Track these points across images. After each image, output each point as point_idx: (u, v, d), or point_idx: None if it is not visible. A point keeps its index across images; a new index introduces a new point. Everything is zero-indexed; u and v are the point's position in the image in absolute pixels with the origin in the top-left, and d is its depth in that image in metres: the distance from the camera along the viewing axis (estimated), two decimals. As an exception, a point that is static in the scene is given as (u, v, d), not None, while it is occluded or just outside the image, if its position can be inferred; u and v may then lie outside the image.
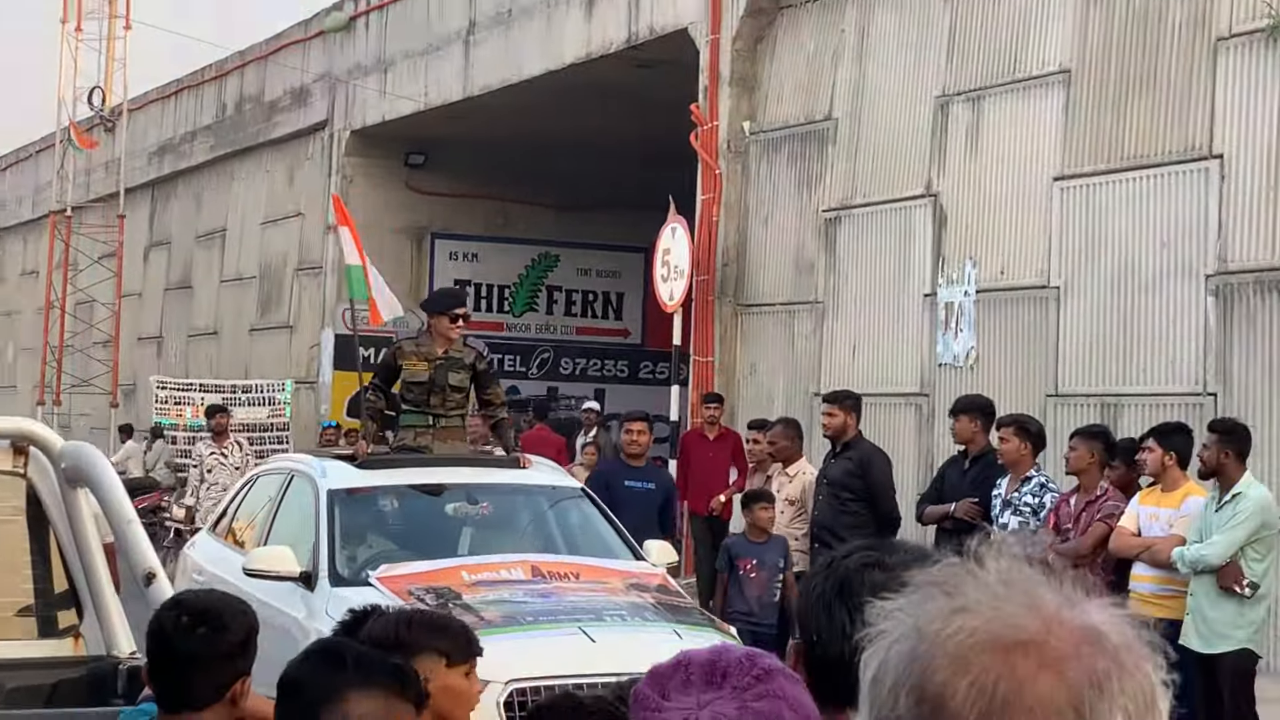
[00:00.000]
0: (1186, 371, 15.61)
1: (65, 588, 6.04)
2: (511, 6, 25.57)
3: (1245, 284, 15.24)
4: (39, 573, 6.06)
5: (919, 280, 18.74)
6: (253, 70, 34.07)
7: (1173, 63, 16.06)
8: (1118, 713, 1.50)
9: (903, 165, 19.11)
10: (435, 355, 11.48)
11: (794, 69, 20.90)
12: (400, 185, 30.70)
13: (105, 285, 39.45)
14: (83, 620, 5.99)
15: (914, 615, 1.58)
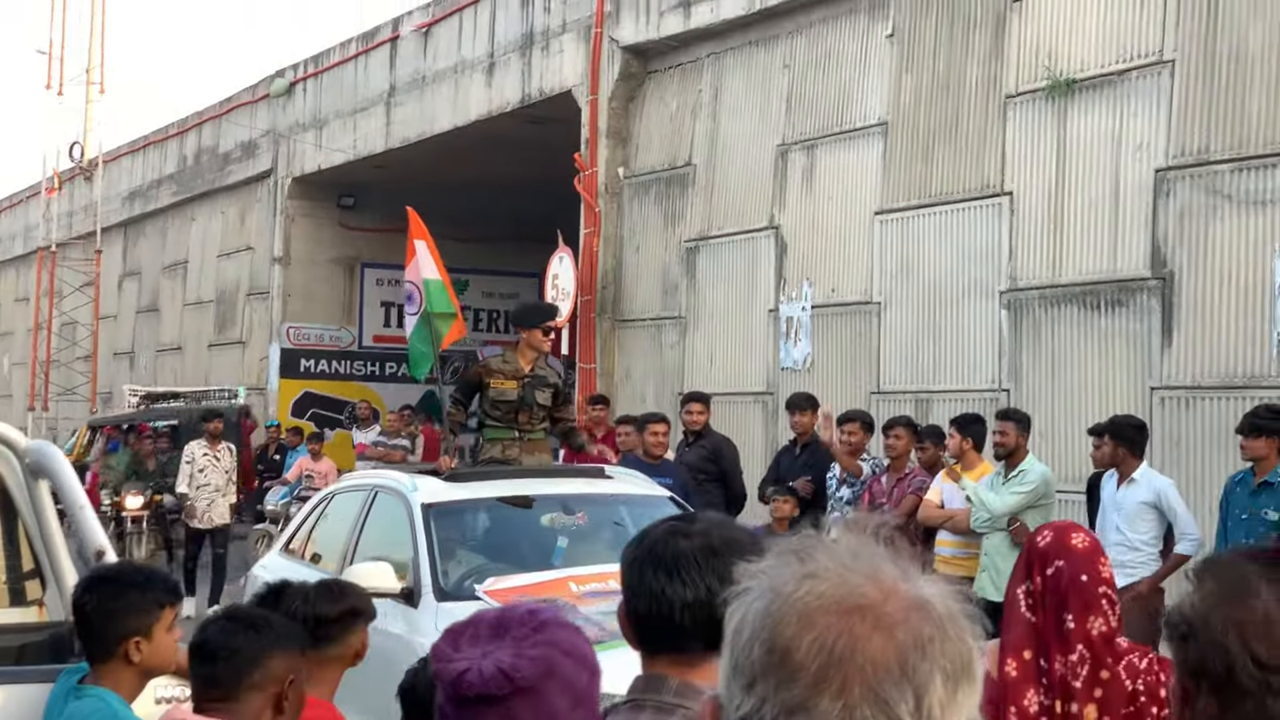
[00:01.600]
0: (984, 372, 15.74)
1: (30, 565, 5.97)
2: (425, 73, 25.50)
3: (1031, 299, 15.39)
4: (7, 551, 5.99)
5: (764, 298, 18.76)
6: (209, 127, 33.76)
7: (970, 117, 16.18)
8: (937, 673, 1.53)
9: (750, 203, 19.13)
10: (523, 373, 10.26)
11: (659, 124, 20.91)
12: (334, 223, 30.51)
13: (85, 309, 39.24)
14: (45, 592, 5.93)
15: (771, 577, 1.61)
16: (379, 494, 9.75)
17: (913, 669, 1.53)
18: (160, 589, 4.42)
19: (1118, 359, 14.50)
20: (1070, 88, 15.10)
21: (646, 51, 20.89)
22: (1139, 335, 14.37)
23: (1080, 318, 14.95)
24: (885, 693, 1.51)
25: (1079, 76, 15.03)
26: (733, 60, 19.63)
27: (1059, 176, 15.21)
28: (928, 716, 1.52)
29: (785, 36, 18.75)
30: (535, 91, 22.77)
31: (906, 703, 1.51)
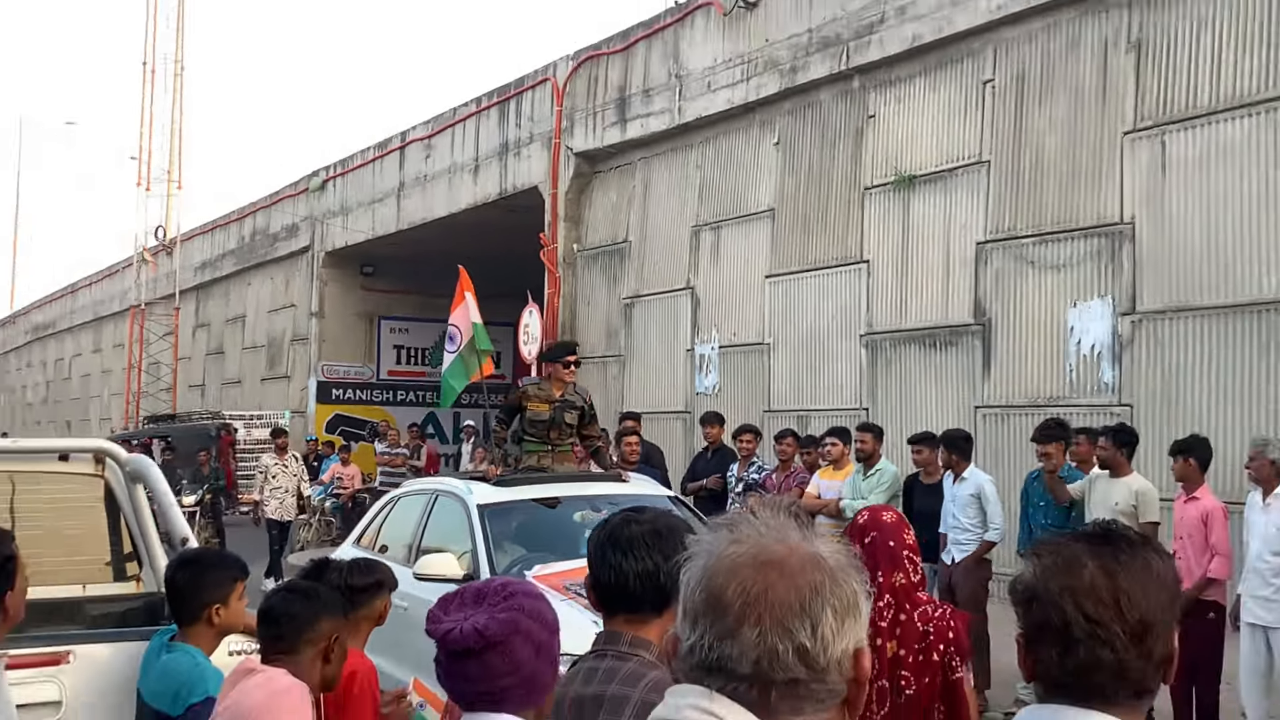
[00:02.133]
0: (849, 395, 15.79)
1: (129, 549, 5.96)
2: (426, 173, 25.53)
3: (883, 340, 15.42)
4: (112, 539, 5.97)
5: (683, 341, 18.80)
6: (261, 214, 33.73)
7: (837, 204, 16.21)
8: (828, 609, 1.64)
9: (671, 270, 19.19)
10: (554, 398, 9.65)
11: (603, 210, 20.95)
12: (357, 286, 30.45)
13: (166, 353, 39.02)
14: (141, 570, 5.93)
15: (709, 543, 1.72)
16: (439, 496, 9.35)
17: (809, 606, 1.64)
18: (235, 568, 4.42)
19: (949, 385, 14.54)
20: (912, 182, 15.15)
21: (593, 156, 20.93)
22: (966, 367, 14.40)
23: (921, 354, 14.97)
24: (789, 624, 1.63)
25: (918, 174, 15.09)
26: (658, 163, 19.68)
27: (904, 249, 15.27)
28: (821, 641, 1.63)
29: (697, 145, 18.80)
30: (510, 186, 22.82)
31: (805, 631, 1.63)
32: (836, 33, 16.08)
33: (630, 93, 19.86)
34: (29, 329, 56.55)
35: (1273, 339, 11.44)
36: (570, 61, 21.25)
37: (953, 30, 14.50)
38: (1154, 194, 12.52)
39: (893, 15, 15.29)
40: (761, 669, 1.63)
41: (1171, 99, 12.44)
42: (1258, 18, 11.74)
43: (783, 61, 16.91)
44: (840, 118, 16.31)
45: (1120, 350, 12.71)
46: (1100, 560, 1.93)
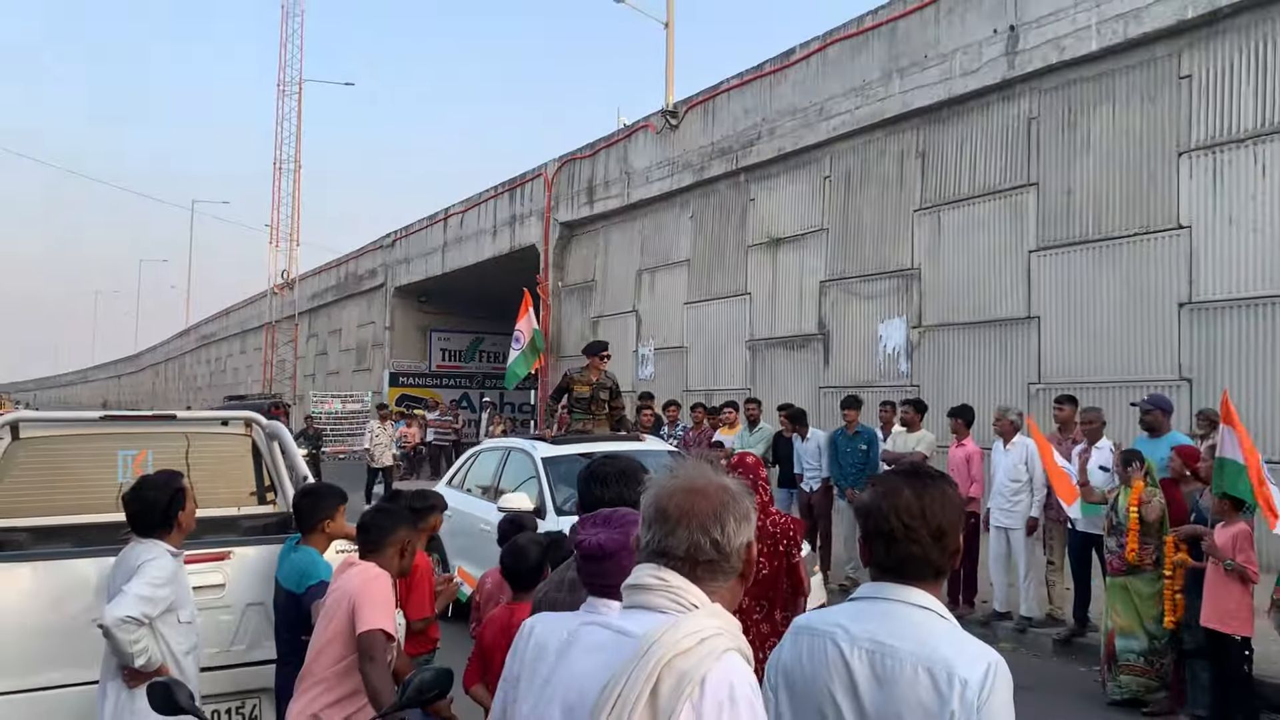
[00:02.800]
0: (739, 380, 15.80)
1: (269, 483, 5.77)
2: (462, 235, 25.26)
3: (761, 344, 15.47)
4: (258, 478, 5.79)
5: (631, 345, 18.72)
6: (352, 262, 33.13)
7: (731, 256, 16.29)
8: (731, 517, 1.67)
9: (623, 298, 19.13)
10: (592, 381, 8.98)
11: (579, 260, 20.87)
12: (416, 310, 30.01)
13: (289, 352, 38.30)
14: (277, 497, 5.71)
15: (657, 479, 1.73)
16: (512, 452, 8.67)
17: (719, 515, 1.67)
18: (338, 495, 4.31)
19: (803, 374, 14.66)
20: (778, 243, 15.27)
21: (572, 225, 20.79)
22: (813, 362, 14.52)
23: (785, 353, 15.08)
24: (708, 526, 1.65)
25: (782, 236, 15.20)
26: (614, 229, 19.60)
27: (774, 285, 15.36)
28: (727, 537, 1.66)
29: (639, 217, 18.73)
30: (516, 244, 22.56)
31: (717, 530, 1.65)
32: (730, 145, 16.24)
33: (596, 183, 19.84)
34: (198, 338, 55.90)
35: (1006, 343, 11.77)
36: (556, 163, 21.18)
37: (804, 144, 14.65)
38: (933, 250, 12.76)
39: (766, 134, 15.47)
40: (690, 554, 1.67)
41: (945, 188, 12.70)
42: (1001, 135, 12.05)
43: (695, 163, 17.03)
44: (732, 200, 16.38)
45: (911, 350, 12.98)
46: (912, 487, 1.92)
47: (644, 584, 1.67)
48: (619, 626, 1.68)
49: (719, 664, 1.57)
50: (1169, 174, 10.11)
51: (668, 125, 17.59)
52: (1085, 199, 10.94)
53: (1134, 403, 8.05)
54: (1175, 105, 10.07)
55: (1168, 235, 10.09)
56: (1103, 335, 10.64)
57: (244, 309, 46.45)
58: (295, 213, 40.72)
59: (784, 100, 15.09)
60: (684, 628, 1.58)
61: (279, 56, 40.48)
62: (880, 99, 13.35)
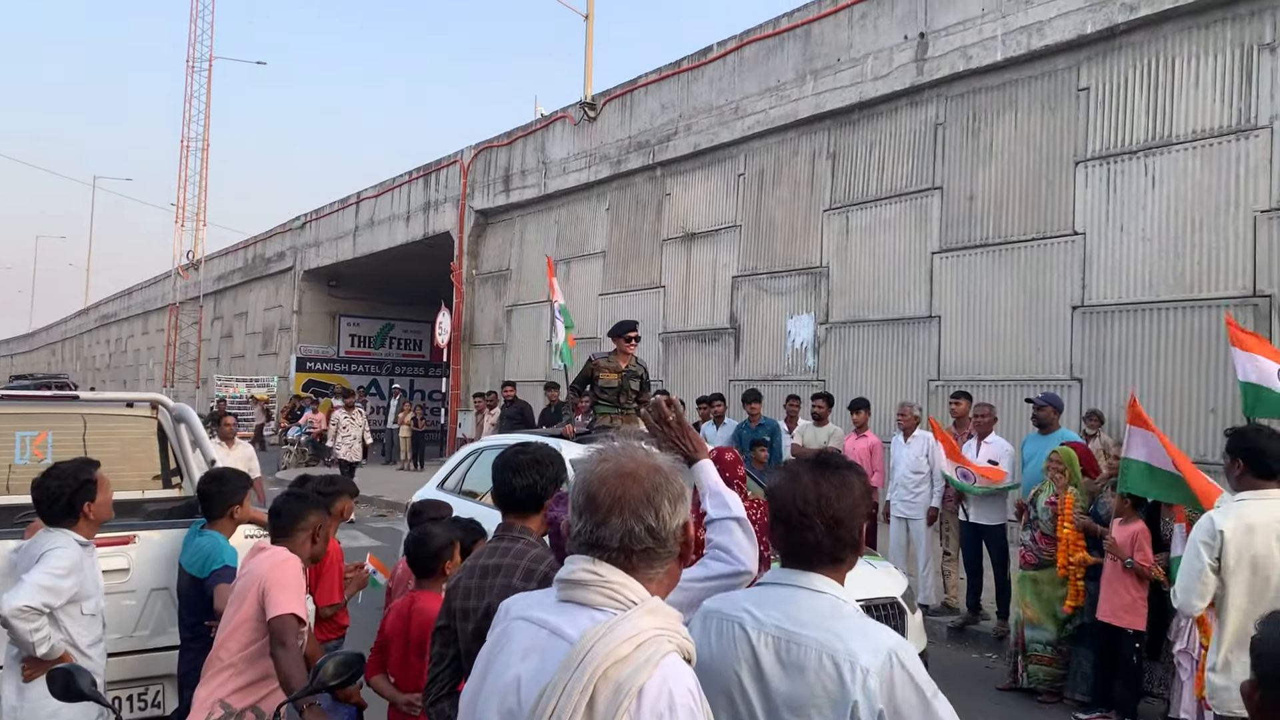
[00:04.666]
0: (653, 371, 15.67)
1: (174, 467, 5.67)
2: (374, 219, 24.68)
3: (674, 337, 15.47)
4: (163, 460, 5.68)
5: (545, 335, 18.54)
6: (260, 244, 32.05)
7: (646, 249, 16.26)
8: (664, 499, 1.61)
9: (538, 287, 18.89)
10: (620, 368, 7.68)
11: (494, 249, 20.59)
12: (325, 294, 29.28)
13: (192, 335, 36.91)
14: (183, 481, 5.62)
15: (588, 461, 1.66)
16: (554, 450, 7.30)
17: (652, 499, 1.60)
18: (245, 482, 4.23)
19: (714, 367, 14.70)
20: (694, 237, 15.30)
21: (487, 213, 20.52)
22: (724, 354, 14.59)
23: (697, 346, 15.11)
24: (640, 512, 1.59)
25: (697, 231, 15.23)
26: (530, 219, 19.41)
27: (687, 279, 15.39)
28: (662, 521, 1.60)
29: (556, 208, 18.58)
30: (430, 231, 22.15)
31: (651, 515, 1.59)
32: (647, 139, 16.20)
33: (512, 172, 19.61)
34: (98, 318, 53.58)
35: (909, 340, 11.99)
36: (472, 150, 20.87)
37: (719, 141, 14.68)
38: (841, 249, 12.91)
39: (682, 129, 15.46)
40: (624, 543, 1.60)
41: (853, 189, 12.86)
42: (908, 139, 12.25)
43: (612, 156, 16.94)
44: (648, 194, 16.36)
45: (818, 345, 13.12)
46: (812, 475, 1.92)
47: (578, 579, 1.60)
48: (554, 626, 1.60)
49: (657, 671, 1.49)
50: (1066, 182, 10.41)
51: (586, 117, 17.44)
52: (987, 204, 11.19)
53: (1028, 399, 8.24)
54: (1074, 116, 10.36)
55: (1063, 241, 10.39)
56: (1000, 335, 10.91)
57: (147, 289, 44.63)
58: (202, 192, 39.32)
59: (701, 97, 15.08)
60: (620, 632, 1.50)
61: (189, 32, 38.64)
62: (794, 100, 13.43)
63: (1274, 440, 3.61)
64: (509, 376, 18.21)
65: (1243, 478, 3.58)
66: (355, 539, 11.87)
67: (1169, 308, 9.51)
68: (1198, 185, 9.36)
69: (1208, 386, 9.17)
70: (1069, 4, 10.21)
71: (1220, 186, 9.22)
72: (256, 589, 3.26)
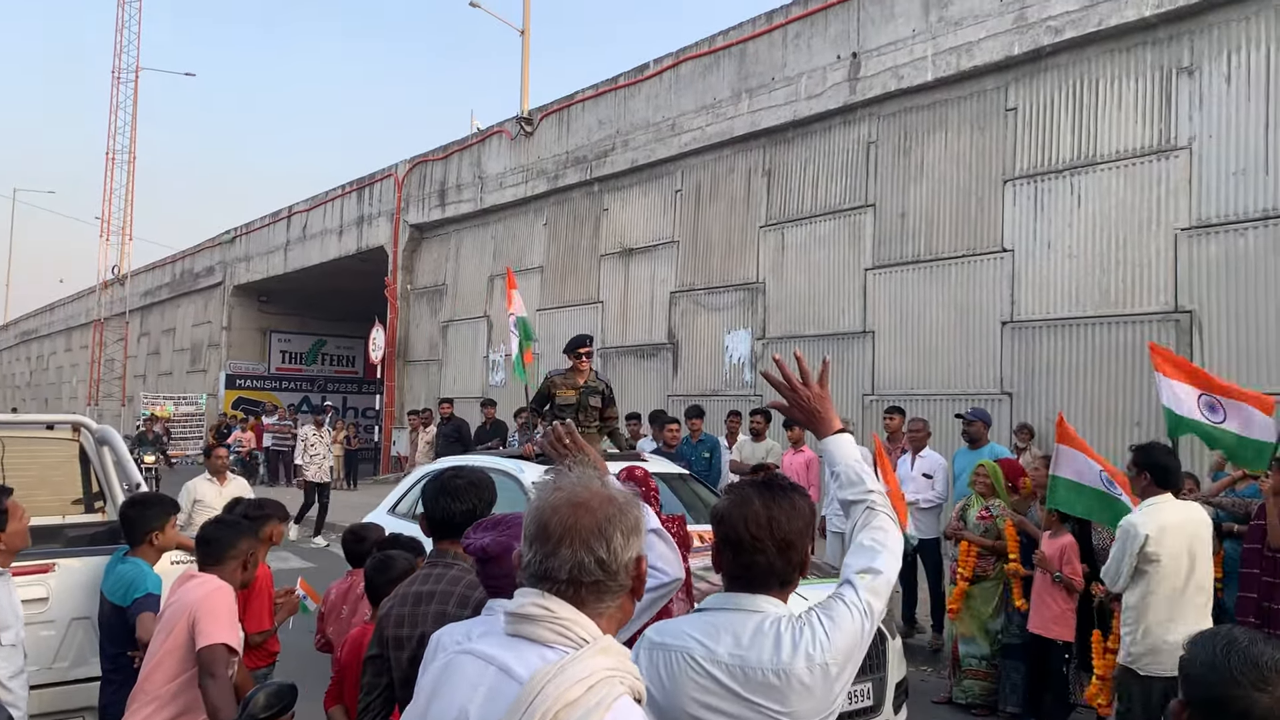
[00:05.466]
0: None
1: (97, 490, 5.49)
2: (305, 234, 24.27)
3: (612, 353, 15.39)
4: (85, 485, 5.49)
5: (482, 351, 18.39)
6: (189, 259, 31.23)
7: (584, 264, 16.18)
8: (618, 530, 1.57)
9: (474, 303, 18.76)
10: (579, 385, 7.44)
11: (430, 263, 20.35)
12: (256, 310, 28.76)
13: (119, 351, 35.63)
14: (105, 506, 5.45)
15: (540, 492, 1.63)
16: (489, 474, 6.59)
17: (604, 530, 1.57)
18: (169, 506, 4.09)
19: (652, 383, 14.66)
20: (631, 253, 15.27)
21: (422, 227, 20.29)
22: (662, 370, 14.56)
23: (635, 361, 15.05)
24: (590, 543, 1.56)
25: (635, 247, 15.21)
26: (466, 234, 19.23)
27: (625, 294, 15.35)
28: (614, 554, 1.57)
29: (492, 223, 18.44)
30: (364, 245, 21.85)
31: (603, 547, 1.56)
32: (584, 154, 16.14)
33: (448, 186, 19.41)
34: (18, 334, 51.52)
35: (843, 355, 12.06)
36: (407, 163, 20.63)
37: (657, 157, 14.69)
38: (776, 265, 12.98)
39: (620, 145, 15.44)
40: (574, 575, 1.57)
41: (789, 206, 12.95)
42: (842, 157, 12.37)
43: (549, 171, 16.85)
44: (586, 209, 16.31)
45: (755, 360, 13.14)
46: (762, 498, 1.93)
47: (528, 614, 1.57)
48: (502, 663, 1.56)
49: (609, 715, 1.45)
50: (995, 200, 10.58)
51: (523, 132, 17.34)
52: (918, 221, 11.32)
53: (958, 414, 8.32)
54: (1002, 135, 10.55)
55: (992, 257, 10.55)
56: (932, 350, 11.02)
57: (70, 304, 43.17)
58: (128, 205, 38.17)
59: (638, 114, 15.08)
60: (571, 674, 1.47)
61: (114, 43, 37.65)
62: (729, 117, 13.49)
63: (1172, 456, 4.51)
64: (445, 393, 17.96)
65: (1148, 488, 4.39)
66: (285, 561, 11.55)
67: (1094, 323, 9.70)
68: (1121, 204, 9.58)
69: (1132, 400, 9.35)
70: (997, 26, 10.41)
71: (1142, 205, 9.45)
72: (186, 618, 3.19)
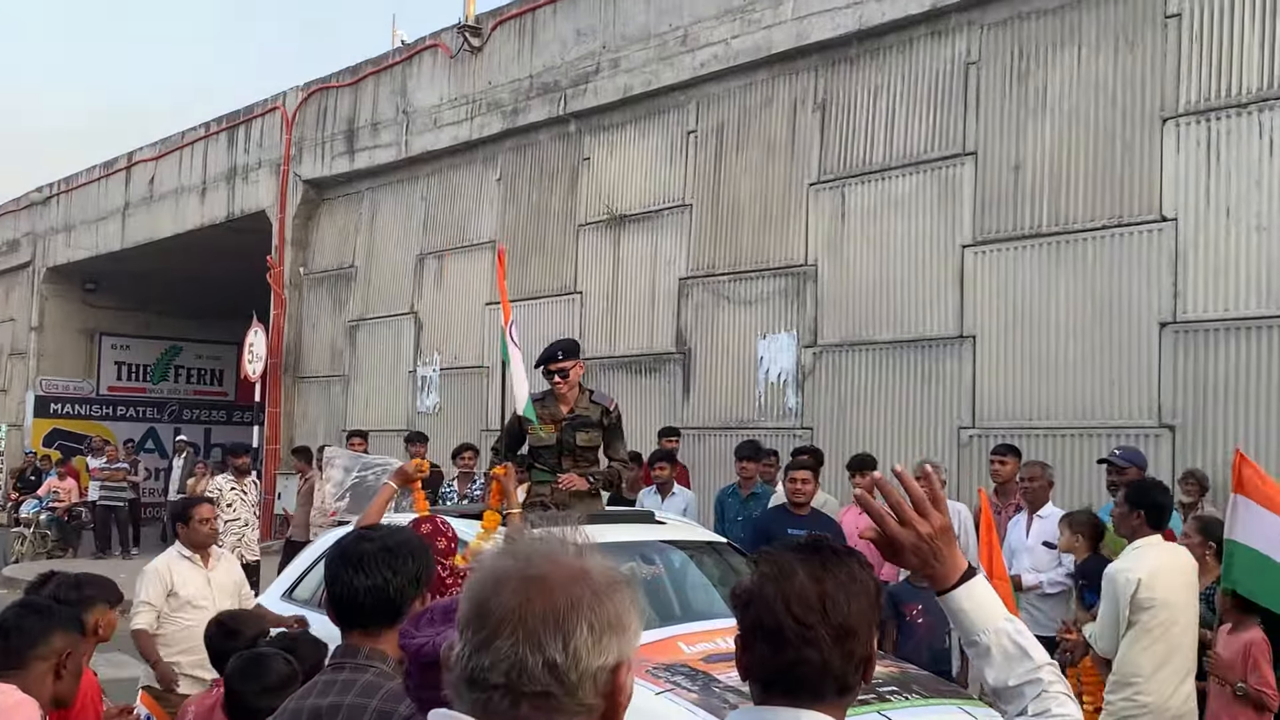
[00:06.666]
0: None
1: None
2: (152, 194, 24.38)
3: (595, 365, 15.33)
4: None
5: (406, 362, 18.46)
6: (-20, 227, 31.45)
7: (553, 238, 16.21)
8: (583, 624, 1.57)
9: (396, 294, 18.84)
10: (561, 416, 7.15)
11: (330, 235, 20.44)
12: (79, 302, 28.85)
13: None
14: None
15: (487, 560, 1.67)
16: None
17: (564, 620, 1.57)
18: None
19: (653, 407, 14.64)
20: (622, 221, 15.27)
21: (321, 184, 20.37)
22: (668, 390, 14.55)
23: (628, 378, 15.05)
24: (540, 637, 1.56)
25: (628, 213, 15.22)
26: (385, 192, 19.29)
27: (614, 281, 15.36)
28: (574, 656, 1.56)
29: (423, 177, 18.51)
30: (238, 210, 22.01)
31: (556, 645, 1.56)
32: (555, 79, 16.13)
33: (359, 125, 19.43)
34: None
35: (934, 370, 12.03)
36: (300, 92, 20.65)
37: (660, 84, 14.68)
38: (834, 240, 12.97)
39: (606, 67, 15.44)
40: (511, 680, 1.57)
41: (850, 154, 12.90)
42: (926, 86, 12.37)
43: (505, 103, 16.84)
44: (558, 158, 16.31)
45: (803, 378, 13.13)
46: (809, 568, 1.95)
47: None
48: None
49: None
50: (1150, 146, 10.56)
51: (466, 47, 17.37)
52: (1039, 176, 11.30)
53: (1102, 459, 8.31)
54: (1160, 52, 10.52)
55: (1147, 230, 10.54)
56: (1058, 364, 10.99)
57: None
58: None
59: (633, 21, 15.11)
60: None
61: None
62: (766, 25, 13.52)
63: (1168, 495, 5.95)
64: (354, 423, 17.94)
65: (1140, 528, 5.58)
66: (121, 667, 11.56)
67: (1294, 325, 9.70)
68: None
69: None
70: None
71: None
72: None
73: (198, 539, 6.85)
